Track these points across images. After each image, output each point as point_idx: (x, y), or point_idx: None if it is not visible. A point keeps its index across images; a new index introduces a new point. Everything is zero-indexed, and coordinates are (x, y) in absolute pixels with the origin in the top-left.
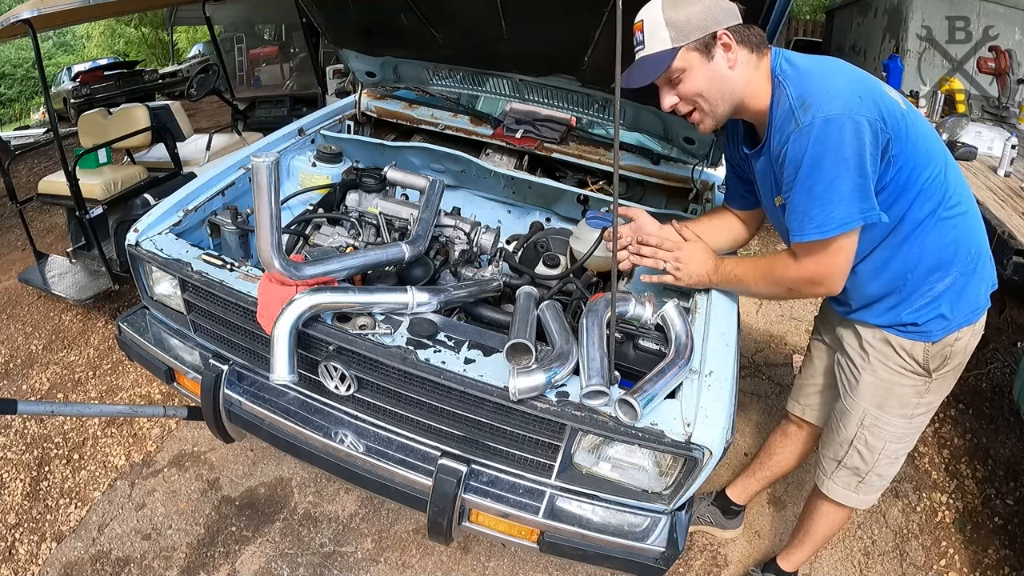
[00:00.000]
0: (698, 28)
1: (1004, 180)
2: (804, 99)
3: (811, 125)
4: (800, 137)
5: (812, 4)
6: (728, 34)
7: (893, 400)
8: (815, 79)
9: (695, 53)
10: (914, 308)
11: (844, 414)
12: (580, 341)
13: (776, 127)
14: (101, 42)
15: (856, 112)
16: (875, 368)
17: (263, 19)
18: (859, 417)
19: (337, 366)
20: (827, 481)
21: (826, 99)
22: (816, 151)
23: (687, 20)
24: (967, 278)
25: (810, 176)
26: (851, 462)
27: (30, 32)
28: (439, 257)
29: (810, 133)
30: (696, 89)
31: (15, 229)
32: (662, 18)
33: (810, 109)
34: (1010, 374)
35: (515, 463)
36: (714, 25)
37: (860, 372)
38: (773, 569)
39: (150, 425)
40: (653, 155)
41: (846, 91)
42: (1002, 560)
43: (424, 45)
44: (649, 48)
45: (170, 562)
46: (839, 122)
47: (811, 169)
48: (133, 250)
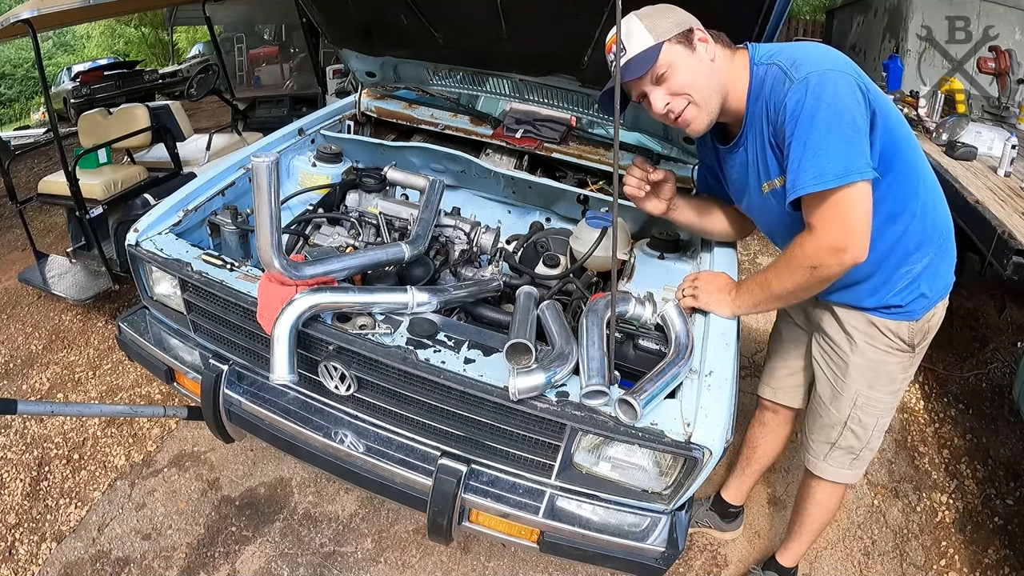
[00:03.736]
0: (674, 25)
1: (1004, 180)
2: (795, 60)
3: (806, 79)
4: (795, 90)
5: (812, 4)
6: (702, 30)
7: (882, 378)
8: (803, 48)
9: (679, 46)
10: (896, 290)
11: (834, 397)
12: (580, 341)
13: (764, 101)
14: (101, 42)
15: (847, 71)
16: (863, 350)
17: (263, 19)
18: (851, 399)
19: (337, 366)
20: (820, 463)
21: (818, 60)
22: (812, 103)
23: (661, 21)
24: (940, 257)
25: (807, 127)
26: (845, 442)
27: (30, 32)
28: (439, 257)
29: (806, 86)
30: (686, 80)
31: (15, 229)
32: (640, 24)
33: (803, 67)
34: (1010, 374)
35: (515, 463)
36: (686, 24)
37: (848, 355)
38: (774, 567)
39: (150, 425)
40: (653, 155)
41: (835, 56)
42: (1002, 560)
43: (424, 45)
44: (632, 50)
45: (170, 562)
46: (832, 76)
47: (809, 120)
48: (133, 250)
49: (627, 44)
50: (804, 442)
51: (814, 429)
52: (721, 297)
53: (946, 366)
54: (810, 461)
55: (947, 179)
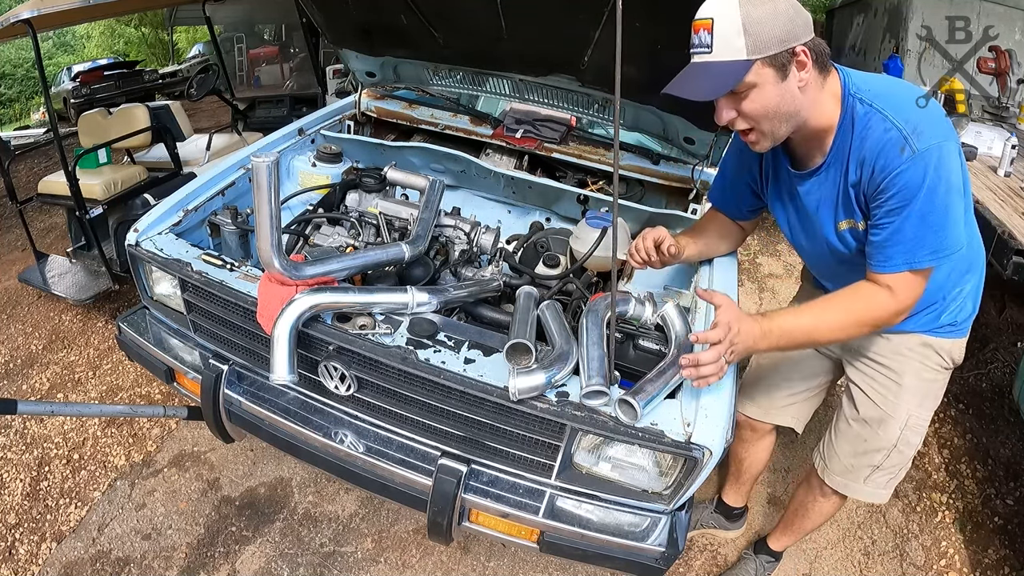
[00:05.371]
0: (778, 41)
1: (1004, 180)
2: (915, 125)
3: (928, 152)
4: (917, 163)
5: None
6: (807, 51)
7: (930, 398)
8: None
9: (770, 69)
10: (950, 310)
11: (882, 421)
12: (580, 341)
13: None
14: (101, 42)
15: (956, 138)
16: (918, 371)
17: (263, 19)
18: (902, 421)
19: (337, 366)
20: (857, 486)
21: (935, 125)
22: (934, 179)
23: (767, 30)
24: (980, 274)
25: (930, 204)
26: (890, 463)
27: (30, 32)
28: (439, 257)
29: (928, 160)
30: (764, 109)
31: (15, 229)
32: (740, 22)
33: (923, 136)
34: (1010, 374)
35: (515, 463)
36: (793, 40)
37: (901, 377)
38: (765, 550)
39: (150, 425)
40: (653, 155)
41: (941, 115)
42: (1002, 560)
43: (424, 45)
44: (717, 54)
45: (170, 562)
46: (949, 149)
47: (931, 196)
48: (133, 250)
49: (715, 36)
50: (836, 467)
51: (855, 454)
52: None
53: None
54: (845, 485)
55: None
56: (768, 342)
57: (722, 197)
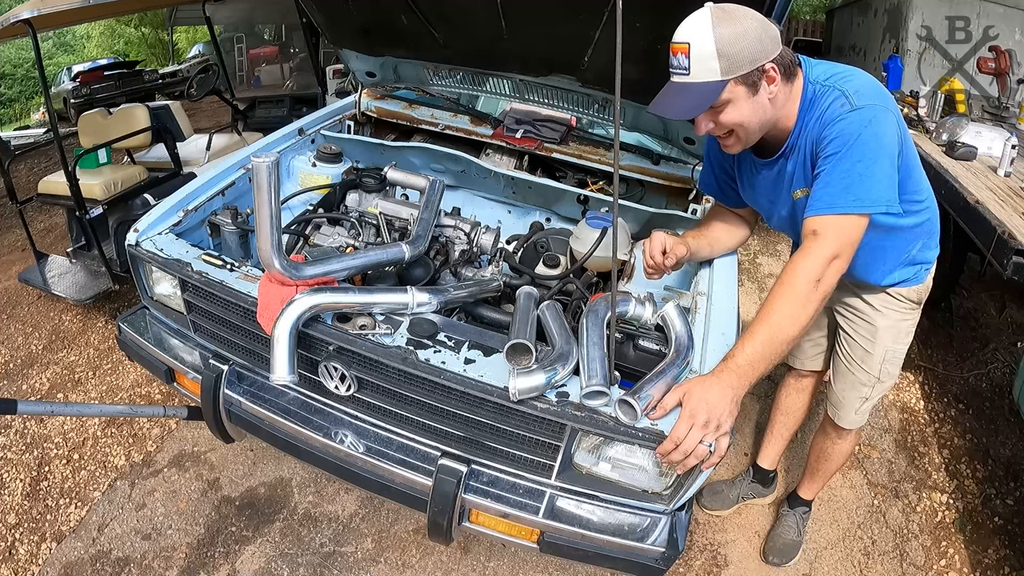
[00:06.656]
0: (749, 61)
1: (1004, 180)
2: (858, 89)
3: (868, 108)
4: (857, 117)
5: (812, 4)
6: (775, 67)
7: (902, 334)
8: (861, 78)
9: (742, 87)
10: (906, 268)
11: (865, 358)
12: (580, 341)
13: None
14: (101, 42)
15: (897, 114)
16: (887, 315)
17: (263, 19)
18: (881, 356)
19: (337, 366)
20: (852, 417)
21: (878, 95)
22: (868, 133)
23: (739, 51)
24: (931, 236)
25: (859, 153)
26: (875, 393)
27: (30, 32)
28: (439, 257)
29: (866, 115)
30: (738, 120)
31: (15, 229)
32: (713, 47)
33: (864, 97)
34: (1010, 374)
35: (515, 463)
36: (763, 58)
37: (876, 321)
38: (799, 502)
39: (150, 425)
40: (653, 155)
41: (887, 95)
42: (1002, 560)
43: (424, 45)
44: (695, 76)
45: (170, 562)
46: (887, 116)
47: (862, 147)
48: (133, 250)
49: (692, 60)
50: (835, 401)
51: (847, 389)
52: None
53: (946, 366)
54: (842, 417)
55: (947, 179)
56: (746, 378)
57: (710, 183)
